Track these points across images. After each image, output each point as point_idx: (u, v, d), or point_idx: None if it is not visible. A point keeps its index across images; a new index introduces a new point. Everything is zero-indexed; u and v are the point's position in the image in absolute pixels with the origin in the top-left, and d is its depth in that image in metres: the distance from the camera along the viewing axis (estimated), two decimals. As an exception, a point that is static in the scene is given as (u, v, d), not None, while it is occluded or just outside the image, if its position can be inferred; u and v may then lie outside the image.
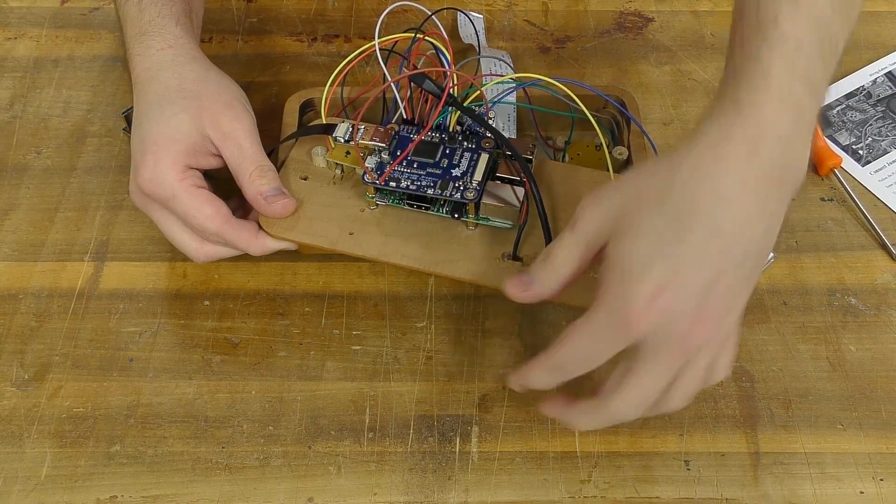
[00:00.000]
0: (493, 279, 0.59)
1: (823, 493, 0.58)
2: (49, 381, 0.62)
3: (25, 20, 0.82)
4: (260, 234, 0.61)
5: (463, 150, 0.62)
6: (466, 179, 0.61)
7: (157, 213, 0.62)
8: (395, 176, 0.61)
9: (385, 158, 0.62)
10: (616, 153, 0.67)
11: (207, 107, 0.60)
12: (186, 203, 0.59)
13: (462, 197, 0.60)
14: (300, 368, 0.63)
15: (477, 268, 0.60)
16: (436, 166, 0.62)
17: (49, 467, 0.58)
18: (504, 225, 0.61)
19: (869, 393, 0.62)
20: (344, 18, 0.83)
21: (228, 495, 0.58)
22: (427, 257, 0.61)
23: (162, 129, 0.60)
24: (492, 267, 0.60)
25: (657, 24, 0.83)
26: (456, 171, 0.61)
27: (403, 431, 0.60)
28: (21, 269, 0.67)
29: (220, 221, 0.59)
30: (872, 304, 0.66)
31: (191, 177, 0.59)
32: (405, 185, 0.61)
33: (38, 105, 0.76)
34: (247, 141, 0.61)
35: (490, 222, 0.62)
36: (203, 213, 0.59)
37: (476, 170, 0.61)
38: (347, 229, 0.62)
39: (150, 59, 0.63)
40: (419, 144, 0.62)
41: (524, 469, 0.59)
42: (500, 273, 0.59)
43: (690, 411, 0.61)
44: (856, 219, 0.70)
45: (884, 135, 0.76)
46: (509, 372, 0.56)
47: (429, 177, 0.61)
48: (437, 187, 0.60)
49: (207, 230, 0.60)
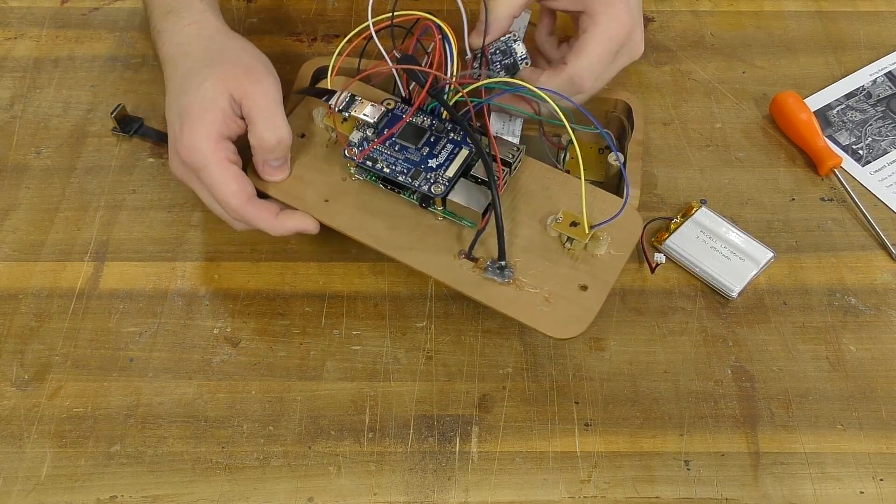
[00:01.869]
0: (444, 274, 0.60)
1: (823, 493, 0.58)
2: (49, 381, 0.62)
3: (25, 20, 0.82)
4: (280, 215, 0.62)
5: (447, 142, 0.62)
6: (439, 172, 0.61)
7: (196, 183, 0.63)
8: (373, 155, 0.62)
9: (370, 135, 0.62)
10: (610, 159, 0.67)
11: (231, 70, 0.62)
12: (215, 175, 0.60)
13: (429, 190, 0.60)
14: (300, 368, 0.63)
15: (432, 260, 0.60)
16: (415, 153, 0.62)
17: (49, 467, 0.58)
18: (467, 224, 0.62)
19: (869, 393, 0.62)
20: (344, 18, 0.83)
21: (228, 495, 0.58)
22: (388, 240, 0.61)
23: (192, 98, 0.61)
24: (446, 262, 0.60)
25: (657, 24, 0.83)
26: (433, 161, 0.61)
27: (403, 431, 0.60)
28: (21, 269, 0.67)
29: (243, 199, 0.61)
30: (872, 304, 0.66)
31: (224, 149, 0.61)
32: (380, 167, 0.61)
33: (38, 105, 0.76)
34: (266, 101, 0.62)
35: (455, 218, 0.62)
36: (229, 189, 0.60)
37: (451, 165, 0.61)
38: (325, 196, 0.63)
39: (177, 34, 0.65)
40: (406, 127, 0.62)
41: (524, 469, 0.59)
42: (452, 270, 0.60)
43: (690, 411, 0.61)
44: (856, 219, 0.70)
45: (884, 135, 0.76)
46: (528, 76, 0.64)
47: (405, 162, 0.61)
48: (409, 175, 0.61)
49: (230, 205, 0.61)
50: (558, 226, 0.60)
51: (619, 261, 0.60)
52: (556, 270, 0.60)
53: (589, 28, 0.64)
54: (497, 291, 0.59)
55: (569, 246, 0.60)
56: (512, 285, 0.59)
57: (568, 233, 0.60)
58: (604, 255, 0.60)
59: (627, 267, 0.67)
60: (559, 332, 0.58)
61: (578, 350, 0.64)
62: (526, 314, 0.58)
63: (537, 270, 0.60)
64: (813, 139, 0.73)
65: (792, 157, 0.74)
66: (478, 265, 0.60)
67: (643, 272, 0.67)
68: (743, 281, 0.66)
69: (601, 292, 0.59)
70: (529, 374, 0.63)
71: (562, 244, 0.61)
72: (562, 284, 0.59)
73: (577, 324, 0.58)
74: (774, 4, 0.84)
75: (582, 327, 0.58)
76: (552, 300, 0.58)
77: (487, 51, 0.64)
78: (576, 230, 0.60)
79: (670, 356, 0.63)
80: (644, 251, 0.67)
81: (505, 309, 0.58)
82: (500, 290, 0.59)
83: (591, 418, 0.61)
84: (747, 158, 0.74)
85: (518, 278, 0.59)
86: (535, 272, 0.60)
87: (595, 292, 0.59)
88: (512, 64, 0.65)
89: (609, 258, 0.60)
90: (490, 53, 0.64)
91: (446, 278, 0.59)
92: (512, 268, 0.59)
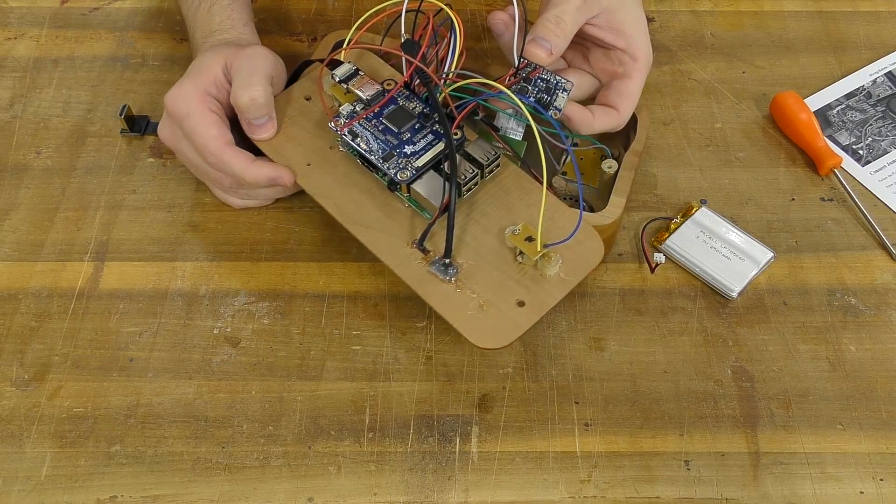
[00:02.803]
0: (390, 258, 0.60)
1: (823, 493, 0.58)
2: (49, 381, 0.62)
3: (25, 20, 0.82)
4: (256, 161, 0.64)
5: (429, 132, 0.62)
6: (411, 160, 0.61)
7: (180, 140, 0.65)
8: (356, 130, 0.62)
9: (358, 111, 0.63)
10: (605, 166, 0.67)
11: (232, 50, 0.67)
12: (196, 120, 0.63)
13: (395, 175, 0.60)
14: (300, 368, 0.63)
15: (384, 241, 0.61)
16: (395, 136, 0.62)
17: (49, 467, 0.58)
18: (427, 216, 0.61)
19: (869, 393, 0.62)
20: (344, 18, 0.83)
21: (228, 495, 0.58)
22: (350, 213, 0.62)
23: (191, 67, 0.67)
24: (398, 247, 0.60)
25: (657, 24, 0.83)
26: (409, 147, 0.61)
27: (403, 431, 0.60)
28: (21, 269, 0.67)
29: (221, 143, 0.63)
30: (872, 304, 0.66)
31: (209, 101, 0.64)
32: (357, 143, 0.62)
33: (38, 105, 0.76)
34: (248, 65, 0.64)
35: (417, 208, 0.62)
36: (208, 133, 0.63)
37: (424, 155, 0.61)
38: (308, 159, 0.64)
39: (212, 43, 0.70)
40: (396, 111, 0.63)
41: (524, 469, 0.59)
42: (400, 256, 0.60)
43: (690, 411, 0.61)
44: (856, 219, 0.70)
45: (884, 135, 0.76)
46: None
47: (384, 144, 0.62)
48: (382, 157, 0.61)
49: (208, 149, 0.63)
50: (514, 237, 0.59)
51: (565, 286, 0.58)
52: (500, 280, 0.59)
53: (633, 73, 0.66)
54: (434, 287, 0.59)
55: (521, 260, 0.59)
56: (452, 285, 0.59)
57: (521, 246, 0.59)
58: (552, 277, 0.59)
59: (628, 267, 0.67)
60: (480, 339, 0.57)
61: (578, 350, 0.64)
62: (453, 314, 0.57)
63: (483, 277, 0.59)
64: (813, 139, 0.73)
65: (792, 157, 0.74)
66: (426, 258, 0.60)
67: (643, 272, 0.67)
68: (743, 281, 0.66)
69: (536, 313, 0.58)
70: (529, 374, 0.63)
71: (515, 256, 0.60)
72: (501, 295, 0.58)
73: (500, 336, 0.57)
74: (774, 4, 0.84)
75: (504, 341, 0.57)
76: (486, 308, 0.58)
77: (537, 72, 0.64)
78: (528, 245, 0.58)
79: (670, 356, 0.63)
80: (644, 251, 0.67)
81: (435, 305, 0.58)
82: (438, 287, 0.59)
83: (591, 418, 0.61)
84: (747, 158, 0.74)
85: (461, 279, 0.59)
86: (480, 278, 0.59)
87: (530, 311, 0.58)
88: (545, 103, 0.64)
89: (557, 281, 0.59)
90: (536, 77, 0.64)
91: (391, 262, 0.59)
92: (457, 268, 0.59)
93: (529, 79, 0.64)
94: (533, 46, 0.62)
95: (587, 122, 0.65)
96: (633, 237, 0.69)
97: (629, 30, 0.65)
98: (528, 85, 0.64)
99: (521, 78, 0.64)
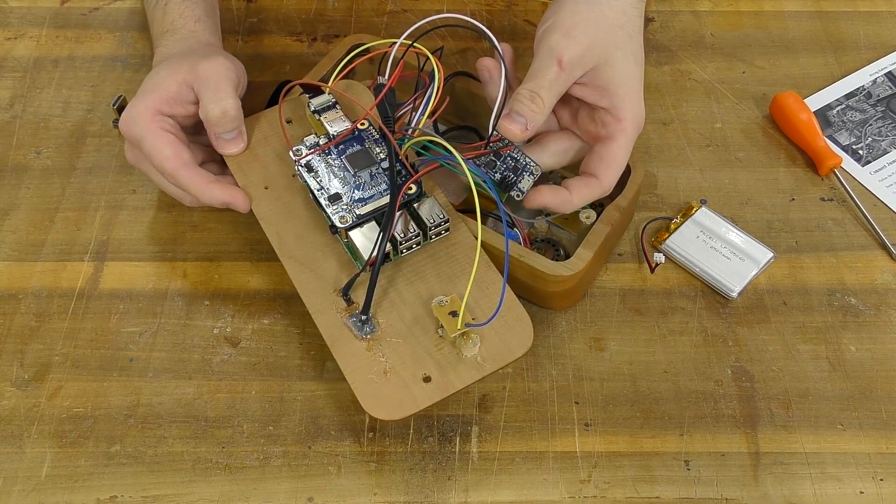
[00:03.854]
0: (311, 300, 0.59)
1: (823, 493, 0.58)
2: (49, 381, 0.62)
3: (25, 20, 0.82)
4: (212, 184, 0.62)
5: (382, 182, 0.61)
6: (356, 206, 0.60)
7: (143, 162, 0.64)
8: (313, 164, 0.61)
9: (320, 143, 0.62)
10: (583, 216, 0.64)
11: (190, 60, 0.64)
12: (150, 142, 0.62)
13: (335, 219, 0.59)
14: (300, 368, 0.63)
15: (311, 282, 0.59)
16: (351, 178, 0.61)
17: (49, 467, 0.59)
18: (358, 266, 0.60)
19: (869, 393, 0.62)
20: (344, 18, 0.83)
21: (228, 495, 0.58)
22: (288, 246, 0.61)
23: (145, 84, 0.64)
24: (322, 291, 0.59)
25: (657, 24, 0.83)
26: (357, 193, 0.60)
27: (403, 431, 0.60)
28: (21, 269, 0.67)
29: (178, 164, 0.62)
30: (872, 304, 0.66)
31: (160, 121, 0.62)
32: (310, 177, 0.61)
33: (38, 105, 0.76)
34: (214, 77, 0.63)
35: (352, 255, 0.60)
36: (162, 154, 0.62)
37: (369, 203, 0.60)
38: (268, 182, 0.63)
39: (168, 48, 0.68)
40: (358, 152, 0.62)
41: (524, 469, 0.59)
42: (322, 301, 0.59)
43: (690, 411, 0.61)
44: (856, 219, 0.70)
45: (884, 135, 0.76)
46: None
47: (339, 182, 0.61)
48: (329, 197, 0.60)
49: (165, 170, 0.62)
50: (439, 309, 0.57)
51: (478, 372, 0.56)
52: (413, 350, 0.57)
53: (616, 135, 0.60)
54: (345, 341, 0.57)
55: (440, 333, 0.57)
56: (364, 342, 0.57)
57: (443, 320, 0.56)
58: (469, 359, 0.56)
59: (628, 267, 0.67)
60: (371, 407, 0.55)
61: (578, 350, 0.64)
62: (353, 375, 0.56)
63: (398, 342, 0.57)
64: (813, 139, 0.73)
65: (792, 157, 0.74)
66: (348, 309, 0.58)
67: (643, 272, 0.67)
68: (743, 281, 0.66)
69: (439, 393, 0.55)
70: (529, 374, 0.62)
71: (437, 328, 0.58)
72: (409, 366, 0.56)
73: (394, 409, 0.55)
74: (774, 4, 0.84)
75: (397, 415, 0.55)
76: (389, 376, 0.56)
77: (508, 149, 0.61)
78: (450, 321, 0.56)
79: (670, 356, 0.63)
80: (644, 251, 0.67)
81: (339, 360, 0.56)
82: (349, 342, 0.57)
83: (591, 418, 0.61)
84: (747, 158, 0.74)
85: (374, 339, 0.57)
86: (395, 343, 0.57)
87: (433, 390, 0.56)
88: (509, 182, 0.61)
89: (471, 364, 0.56)
90: (506, 153, 0.61)
91: (311, 305, 0.58)
92: (375, 326, 0.57)
93: (500, 154, 0.61)
94: (507, 122, 0.59)
95: (566, 202, 0.61)
96: (633, 237, 0.69)
97: (615, 88, 0.60)
98: (496, 160, 0.61)
99: (491, 150, 0.61)
